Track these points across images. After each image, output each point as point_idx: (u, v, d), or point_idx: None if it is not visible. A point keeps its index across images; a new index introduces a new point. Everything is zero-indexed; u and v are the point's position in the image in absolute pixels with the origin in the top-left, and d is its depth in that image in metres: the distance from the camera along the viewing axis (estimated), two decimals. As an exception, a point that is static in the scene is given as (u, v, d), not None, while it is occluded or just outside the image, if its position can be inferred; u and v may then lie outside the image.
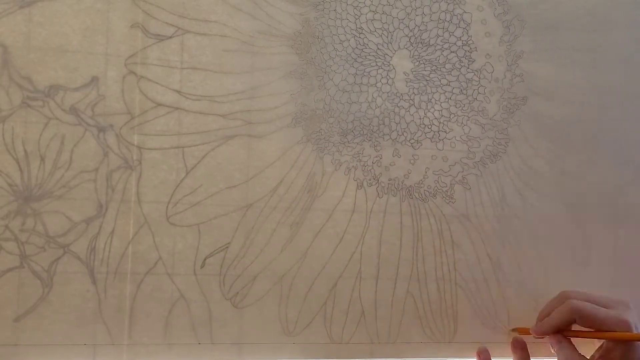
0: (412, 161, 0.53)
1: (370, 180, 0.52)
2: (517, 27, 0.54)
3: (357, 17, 0.51)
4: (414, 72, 0.52)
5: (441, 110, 0.53)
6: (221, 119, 0.50)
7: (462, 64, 0.53)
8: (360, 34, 0.51)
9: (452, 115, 0.53)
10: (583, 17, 0.54)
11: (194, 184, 0.49)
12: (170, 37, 0.49)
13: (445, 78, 0.53)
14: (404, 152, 0.53)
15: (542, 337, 0.52)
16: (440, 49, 0.53)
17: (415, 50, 0.52)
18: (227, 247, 0.50)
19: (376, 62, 0.52)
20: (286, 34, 0.50)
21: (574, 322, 0.50)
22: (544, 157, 0.54)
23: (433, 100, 0.53)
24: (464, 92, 0.53)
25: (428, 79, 0.53)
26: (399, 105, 0.52)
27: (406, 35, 0.52)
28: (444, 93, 0.53)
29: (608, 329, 0.48)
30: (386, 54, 0.52)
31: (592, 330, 0.49)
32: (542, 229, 0.54)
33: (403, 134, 0.53)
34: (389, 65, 0.52)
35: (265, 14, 0.50)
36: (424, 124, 0.53)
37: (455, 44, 0.53)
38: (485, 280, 0.54)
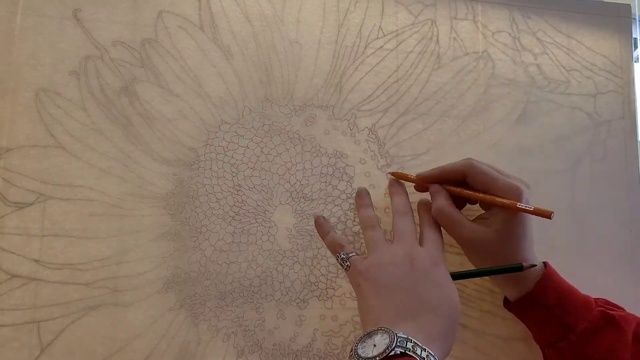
0: (298, 323, 0.49)
1: (252, 346, 0.48)
2: (401, 178, 0.53)
3: (234, 174, 0.50)
4: (297, 228, 0.50)
5: (328, 267, 0.50)
6: (84, 287, 0.46)
7: (348, 217, 0.52)
8: (238, 191, 0.50)
9: (340, 271, 0.50)
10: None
11: (49, 362, 0.44)
12: (31, 204, 0.46)
13: (330, 232, 0.51)
14: (289, 313, 0.49)
15: (423, 186, 0.49)
16: (324, 202, 0.51)
17: (298, 205, 0.51)
18: None
19: (256, 219, 0.50)
20: (158, 195, 0.49)
21: (464, 179, 0.47)
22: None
23: (319, 255, 0.50)
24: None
25: (312, 234, 0.50)
26: (281, 263, 0.50)
27: (287, 191, 0.51)
28: (330, 248, 0.51)
29: (498, 193, 0.46)
30: (267, 210, 0.50)
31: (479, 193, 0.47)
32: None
33: (287, 293, 0.49)
34: (270, 222, 0.50)
35: (136, 175, 0.48)
36: (310, 281, 0.50)
37: (339, 197, 0.52)
38: None
